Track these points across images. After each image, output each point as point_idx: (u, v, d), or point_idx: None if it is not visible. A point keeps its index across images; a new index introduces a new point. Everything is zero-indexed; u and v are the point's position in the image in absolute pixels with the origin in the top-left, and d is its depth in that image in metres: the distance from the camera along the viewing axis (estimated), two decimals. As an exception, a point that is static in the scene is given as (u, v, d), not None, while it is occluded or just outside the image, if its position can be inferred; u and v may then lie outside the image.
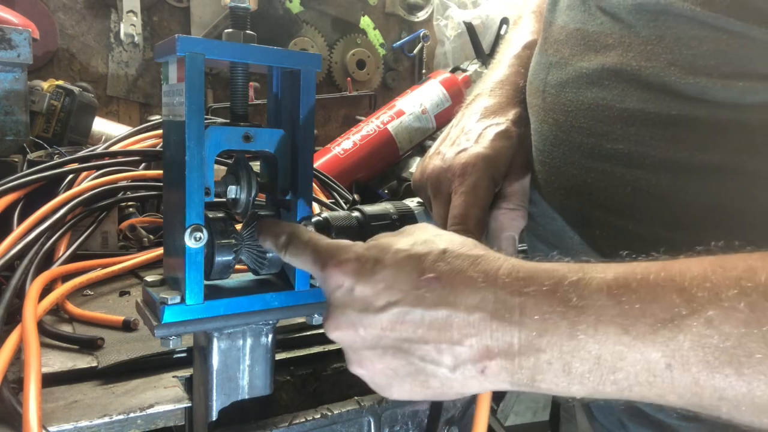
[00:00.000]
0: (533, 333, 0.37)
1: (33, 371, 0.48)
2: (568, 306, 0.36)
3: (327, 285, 0.43)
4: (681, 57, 0.46)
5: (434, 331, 0.39)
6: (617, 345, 0.35)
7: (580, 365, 0.36)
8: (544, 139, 0.58)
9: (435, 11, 2.01)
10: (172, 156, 0.50)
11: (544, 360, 0.37)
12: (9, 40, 1.06)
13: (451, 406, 0.62)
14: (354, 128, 1.63)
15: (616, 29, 0.51)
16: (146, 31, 1.65)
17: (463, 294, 0.38)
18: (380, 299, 0.40)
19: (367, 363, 0.42)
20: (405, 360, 0.41)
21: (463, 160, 0.59)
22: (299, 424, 0.53)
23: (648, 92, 0.48)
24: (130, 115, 1.68)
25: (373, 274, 0.41)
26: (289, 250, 0.47)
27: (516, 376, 0.38)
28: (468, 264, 0.40)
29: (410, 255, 0.41)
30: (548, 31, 0.61)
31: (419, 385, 0.42)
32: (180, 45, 0.45)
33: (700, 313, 0.34)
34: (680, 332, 0.34)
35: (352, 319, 0.41)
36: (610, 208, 0.51)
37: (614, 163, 0.50)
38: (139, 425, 0.52)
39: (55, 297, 0.68)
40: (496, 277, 0.39)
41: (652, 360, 0.35)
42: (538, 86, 0.60)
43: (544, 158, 0.58)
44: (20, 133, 1.09)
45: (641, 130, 0.48)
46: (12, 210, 0.81)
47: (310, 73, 0.51)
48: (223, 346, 0.51)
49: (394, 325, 0.40)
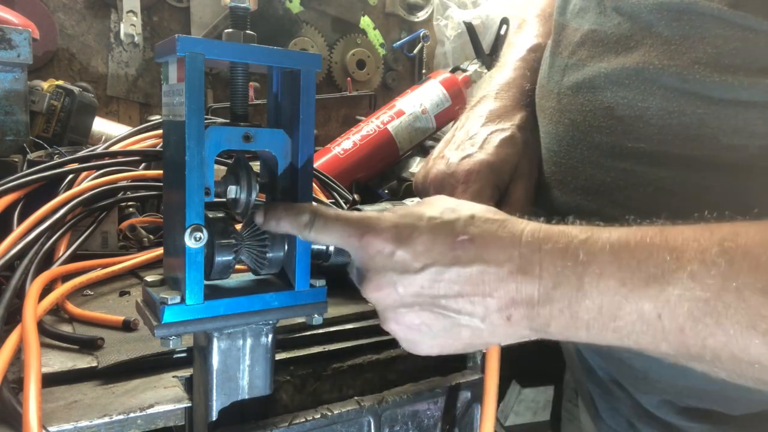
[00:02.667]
0: (549, 285, 0.42)
1: (33, 371, 0.48)
2: (577, 261, 0.41)
3: (366, 252, 0.46)
4: (705, 55, 0.46)
5: (469, 286, 0.43)
6: (616, 296, 0.40)
7: (586, 313, 0.41)
8: (559, 140, 0.58)
9: (435, 11, 2.01)
10: (172, 156, 0.50)
11: (557, 308, 0.42)
12: (9, 40, 1.06)
13: (451, 407, 0.62)
14: (354, 128, 1.63)
15: (636, 30, 0.51)
16: (146, 31, 1.65)
17: (494, 252, 0.43)
18: (419, 261, 0.44)
19: (404, 319, 0.46)
20: (441, 314, 0.45)
21: (467, 167, 0.59)
22: (299, 424, 0.53)
23: (671, 91, 0.48)
24: (130, 115, 1.68)
25: (412, 239, 0.45)
26: (316, 227, 0.48)
27: (534, 322, 0.43)
28: (496, 227, 0.44)
29: (444, 221, 0.45)
30: (561, 35, 0.61)
31: (452, 337, 0.46)
32: (180, 45, 0.45)
33: (686, 268, 0.38)
34: (668, 285, 0.38)
35: (393, 280, 0.45)
36: (631, 207, 0.51)
37: (635, 161, 0.51)
38: (139, 425, 0.52)
39: (55, 297, 0.68)
40: (521, 237, 0.43)
41: (646, 310, 0.39)
42: (552, 89, 0.60)
43: (560, 159, 0.58)
44: (20, 133, 1.09)
45: (664, 129, 0.49)
46: (12, 210, 0.81)
47: (310, 73, 0.51)
48: (223, 346, 0.51)
49: (432, 284, 0.44)
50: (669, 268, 0.38)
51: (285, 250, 0.53)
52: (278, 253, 0.53)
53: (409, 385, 0.61)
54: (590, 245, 0.41)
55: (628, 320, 0.39)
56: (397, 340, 0.49)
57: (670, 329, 0.38)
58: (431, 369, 0.72)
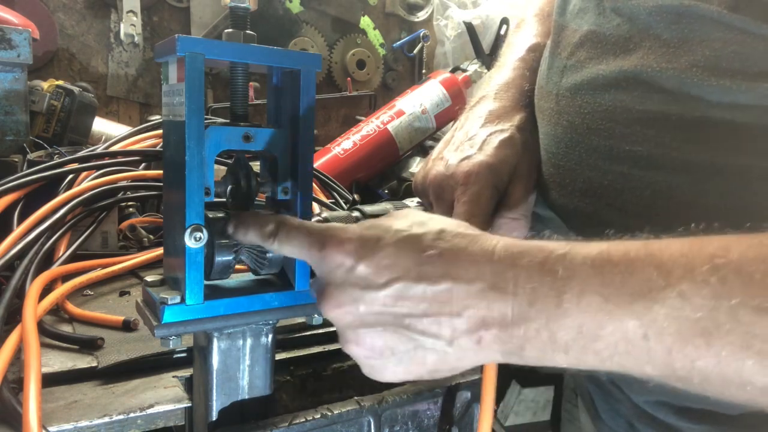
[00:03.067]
0: (525, 302, 0.39)
1: (33, 371, 0.48)
2: (556, 277, 0.38)
3: (326, 264, 0.43)
4: (704, 58, 0.46)
5: (435, 305, 0.40)
6: (598, 314, 0.37)
7: (565, 333, 0.38)
8: (557, 141, 0.58)
9: (435, 11, 2.01)
10: (172, 156, 0.50)
11: (533, 328, 0.39)
12: (9, 40, 1.06)
13: (451, 407, 0.62)
14: (354, 128, 1.63)
15: (634, 32, 0.51)
16: (146, 31, 1.65)
17: (463, 268, 0.40)
18: (382, 276, 0.41)
19: (365, 340, 0.43)
20: (404, 336, 0.42)
21: (466, 169, 0.59)
22: (299, 424, 0.53)
23: (669, 94, 0.48)
24: (130, 115, 1.68)
25: (375, 252, 0.42)
26: (279, 237, 0.46)
27: (507, 345, 0.40)
28: (467, 242, 0.41)
29: (411, 234, 0.42)
30: (560, 35, 0.60)
31: (415, 363, 0.43)
32: (180, 45, 0.45)
33: (674, 286, 0.35)
34: (655, 303, 0.36)
35: (354, 297, 0.42)
36: (628, 210, 0.51)
37: (632, 165, 0.50)
38: (139, 425, 0.52)
39: (55, 297, 0.68)
40: (493, 252, 0.40)
41: (630, 329, 0.36)
42: (550, 90, 0.60)
43: (558, 161, 0.58)
44: (20, 133, 1.09)
45: (661, 132, 0.48)
46: (12, 210, 0.81)
47: (310, 73, 0.51)
48: (223, 346, 0.51)
49: (395, 301, 0.41)
50: (656, 286, 0.36)
51: (285, 250, 0.53)
52: (278, 253, 0.53)
53: (409, 385, 0.61)
54: (570, 260, 0.38)
55: (611, 341, 0.37)
56: None
57: (656, 350, 0.36)
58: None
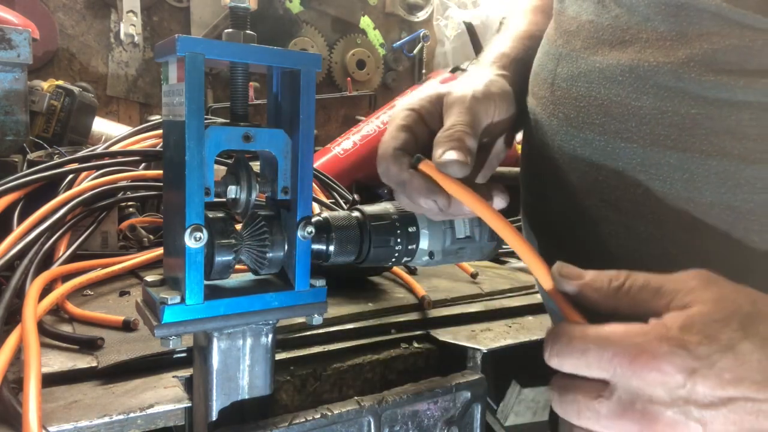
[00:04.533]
0: None
1: (33, 371, 0.48)
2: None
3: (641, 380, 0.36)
4: (701, 53, 0.45)
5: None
6: None
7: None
8: (553, 133, 0.57)
9: (435, 11, 2.01)
10: (172, 156, 0.50)
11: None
12: (9, 40, 1.06)
13: (451, 407, 0.62)
14: (354, 128, 1.63)
15: (633, 23, 0.50)
16: (146, 31, 1.65)
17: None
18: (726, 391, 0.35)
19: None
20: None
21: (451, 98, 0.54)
22: (299, 424, 0.53)
23: (665, 90, 0.47)
24: (130, 115, 1.68)
25: (713, 363, 0.35)
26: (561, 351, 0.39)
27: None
28: None
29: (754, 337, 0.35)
30: (558, 21, 0.59)
31: None
32: (180, 45, 0.45)
33: None
34: None
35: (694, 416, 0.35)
36: (621, 207, 0.51)
37: (627, 162, 0.50)
38: (139, 425, 0.52)
39: (55, 297, 0.68)
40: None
41: None
42: (546, 77, 0.59)
43: (553, 154, 0.57)
44: (20, 133, 1.09)
45: (656, 129, 0.47)
46: (12, 210, 0.81)
47: (310, 73, 0.51)
48: (223, 346, 0.51)
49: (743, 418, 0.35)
50: None
51: (285, 250, 0.53)
52: (278, 253, 0.53)
53: (409, 385, 0.61)
54: None
55: None
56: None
57: None
58: (431, 369, 0.72)
